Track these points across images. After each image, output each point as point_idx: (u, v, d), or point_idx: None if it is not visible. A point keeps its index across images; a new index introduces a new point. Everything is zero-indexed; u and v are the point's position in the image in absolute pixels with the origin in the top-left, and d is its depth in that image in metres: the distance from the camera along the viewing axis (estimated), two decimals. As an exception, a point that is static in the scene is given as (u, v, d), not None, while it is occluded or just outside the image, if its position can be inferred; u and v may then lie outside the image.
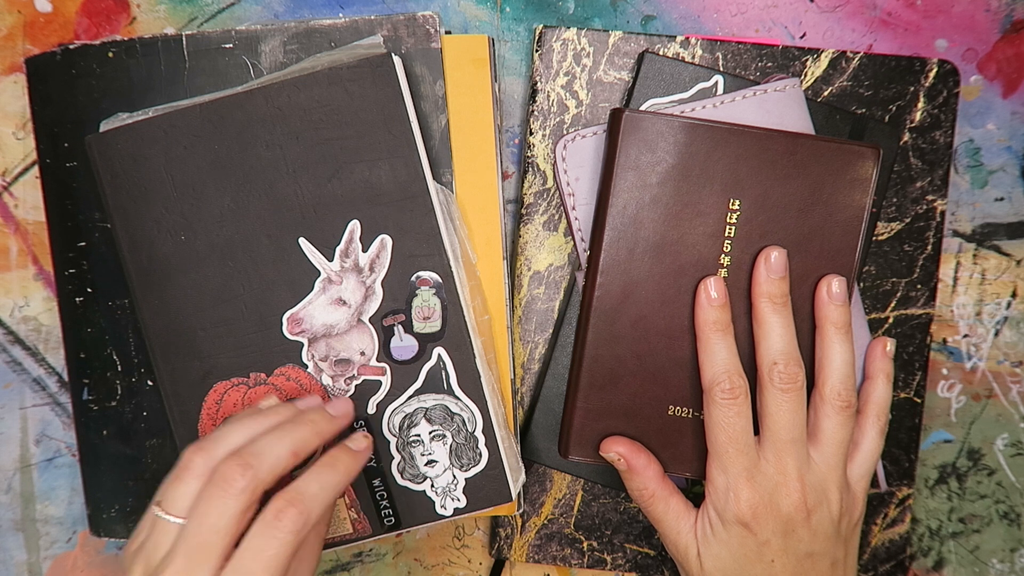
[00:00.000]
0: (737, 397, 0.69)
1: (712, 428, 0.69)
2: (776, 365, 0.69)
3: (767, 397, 0.70)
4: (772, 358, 0.69)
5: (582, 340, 0.72)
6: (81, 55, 0.76)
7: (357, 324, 0.74)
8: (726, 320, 0.70)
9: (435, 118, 0.76)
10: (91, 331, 0.78)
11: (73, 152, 0.77)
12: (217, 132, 0.72)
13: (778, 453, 0.69)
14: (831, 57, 0.79)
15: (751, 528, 0.69)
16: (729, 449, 0.69)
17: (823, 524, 0.70)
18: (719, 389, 0.69)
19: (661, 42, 0.79)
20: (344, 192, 0.73)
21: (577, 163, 0.76)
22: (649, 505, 0.72)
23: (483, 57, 0.77)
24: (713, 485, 0.70)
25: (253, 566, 0.60)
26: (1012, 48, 0.82)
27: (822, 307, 0.71)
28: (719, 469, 0.69)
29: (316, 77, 0.72)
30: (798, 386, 0.69)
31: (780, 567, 0.70)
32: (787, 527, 0.69)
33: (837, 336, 0.71)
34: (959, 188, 0.83)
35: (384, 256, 0.73)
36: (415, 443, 0.76)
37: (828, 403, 0.71)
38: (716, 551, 0.70)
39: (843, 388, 0.70)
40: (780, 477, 0.69)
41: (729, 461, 0.69)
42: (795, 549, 0.70)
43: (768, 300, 0.70)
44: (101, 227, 0.77)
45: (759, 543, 0.69)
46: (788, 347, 0.70)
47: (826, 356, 0.71)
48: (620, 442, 0.72)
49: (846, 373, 0.71)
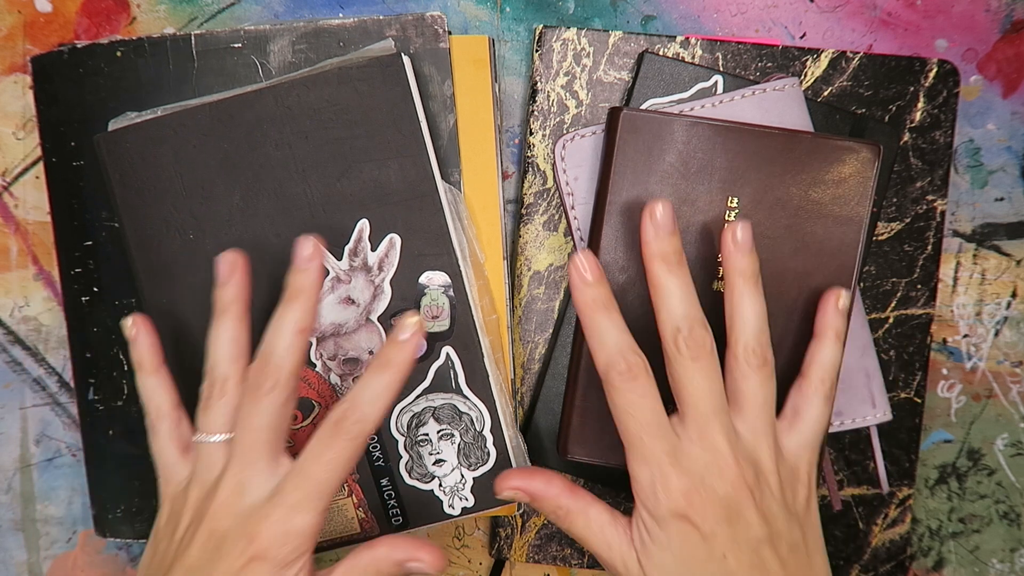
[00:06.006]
0: (637, 376, 0.63)
1: (620, 417, 0.64)
2: (680, 331, 0.64)
3: (677, 368, 0.64)
4: (675, 323, 0.64)
5: (581, 339, 0.74)
6: (89, 54, 0.77)
7: (366, 323, 0.75)
8: (607, 296, 0.65)
9: (443, 118, 0.78)
10: (97, 331, 0.79)
11: (80, 151, 0.78)
12: (226, 131, 0.74)
13: (701, 428, 0.64)
14: (831, 57, 0.81)
15: (691, 520, 0.62)
16: (643, 436, 0.63)
17: (768, 503, 0.64)
18: (615, 372, 0.64)
19: (661, 42, 0.80)
20: (353, 191, 0.74)
21: (576, 163, 0.78)
22: (568, 525, 0.68)
23: (483, 58, 0.79)
24: (637, 482, 0.64)
25: (314, 468, 0.63)
26: (1012, 48, 0.84)
27: (726, 256, 0.67)
28: (639, 462, 0.64)
29: (326, 76, 0.73)
30: (707, 350, 0.64)
31: (735, 561, 0.63)
32: (730, 512, 0.63)
33: (746, 288, 0.66)
34: (959, 188, 0.85)
35: (393, 255, 0.75)
36: (423, 442, 0.77)
37: (743, 362, 0.66)
38: (659, 559, 0.64)
39: (757, 344, 0.66)
40: (709, 455, 0.63)
41: (647, 449, 0.63)
42: (745, 537, 0.63)
43: (661, 260, 0.65)
44: (108, 226, 0.78)
45: (703, 536, 0.62)
46: (691, 310, 0.65)
47: (736, 310, 0.67)
48: (509, 476, 0.68)
49: (759, 327, 0.66)
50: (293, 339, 0.66)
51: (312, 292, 0.67)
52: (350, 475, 0.77)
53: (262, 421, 0.65)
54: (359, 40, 0.78)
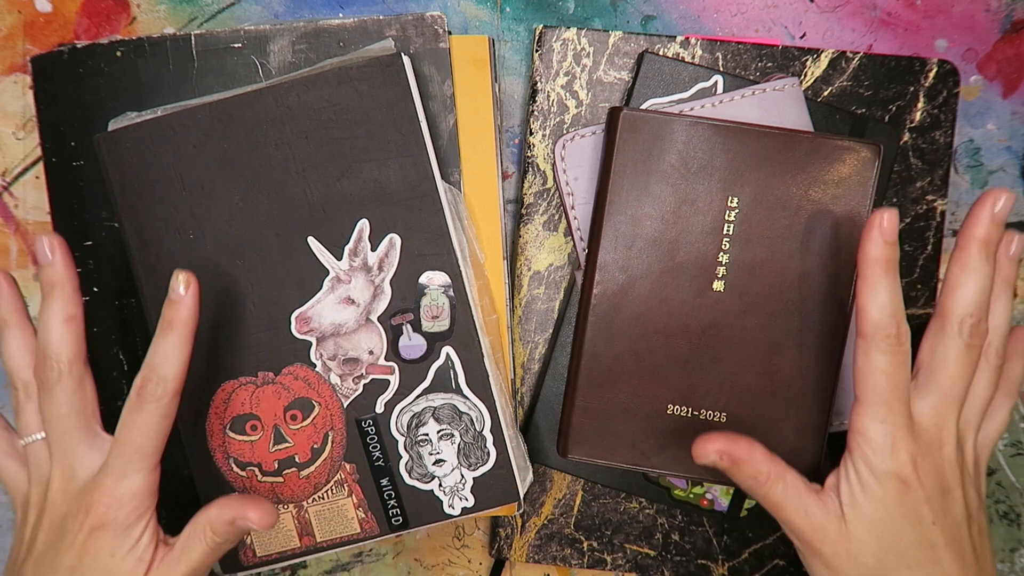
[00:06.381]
0: (903, 344, 0.64)
1: (872, 375, 0.65)
2: (970, 317, 0.66)
3: (947, 347, 0.66)
4: (969, 310, 0.66)
5: (580, 338, 0.74)
6: (89, 54, 0.78)
7: (366, 323, 0.76)
8: (896, 258, 0.65)
9: (443, 118, 0.78)
10: (97, 330, 0.79)
11: (80, 151, 0.78)
12: (226, 131, 0.74)
13: (939, 407, 0.66)
14: (831, 57, 0.81)
15: (910, 484, 0.65)
16: (892, 399, 0.65)
17: (968, 487, 0.68)
18: (884, 334, 0.64)
19: (661, 42, 0.80)
20: (353, 191, 0.74)
21: (576, 162, 0.78)
22: (767, 490, 0.67)
23: (483, 58, 0.79)
24: (866, 437, 0.65)
25: (130, 434, 0.66)
26: (1012, 48, 0.84)
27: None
28: (875, 419, 0.65)
29: (325, 76, 0.74)
30: (979, 345, 0.66)
31: (940, 531, 0.65)
32: (944, 486, 0.66)
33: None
34: (959, 188, 0.85)
35: (393, 255, 0.75)
36: (423, 442, 0.77)
37: (986, 360, 0.69)
38: (869, 512, 0.65)
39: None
40: (937, 431, 0.66)
41: (891, 411, 0.65)
42: (952, 512, 0.66)
43: (983, 246, 0.66)
44: (108, 226, 0.79)
45: (918, 501, 0.65)
46: (985, 304, 0.67)
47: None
48: (712, 439, 0.67)
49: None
50: (62, 328, 0.68)
51: (72, 288, 0.69)
52: (341, 464, 0.78)
53: (62, 410, 0.68)
54: (359, 40, 0.78)
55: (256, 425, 0.77)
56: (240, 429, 0.77)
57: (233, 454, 0.77)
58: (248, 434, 0.77)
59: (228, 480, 0.78)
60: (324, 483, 0.78)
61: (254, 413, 0.77)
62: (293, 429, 0.77)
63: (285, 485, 0.77)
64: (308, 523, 0.78)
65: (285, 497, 0.78)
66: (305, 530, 0.78)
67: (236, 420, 0.77)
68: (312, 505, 0.78)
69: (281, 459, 0.77)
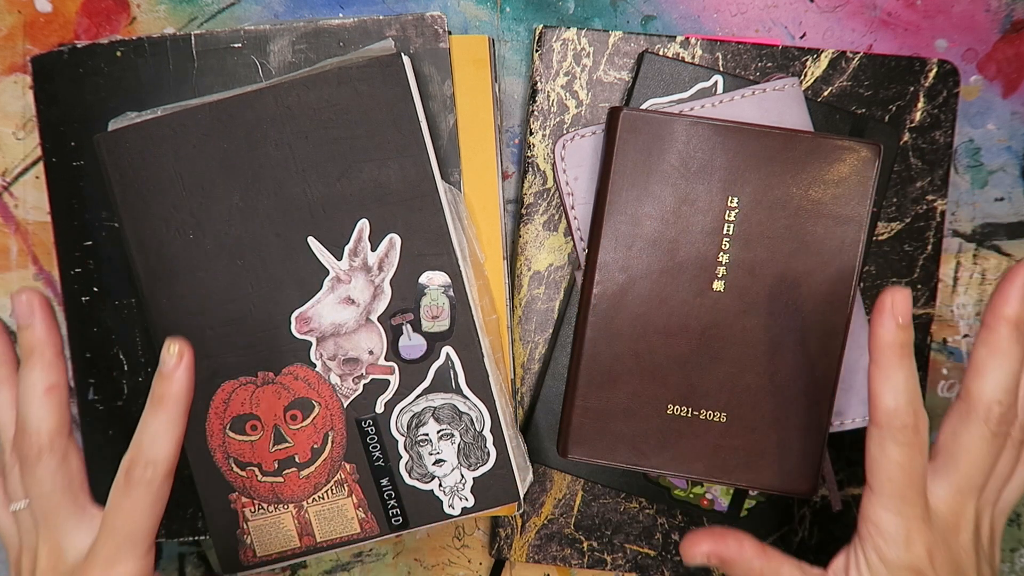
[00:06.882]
0: (920, 432, 0.63)
1: (887, 467, 0.63)
2: (999, 405, 0.64)
3: (972, 433, 0.65)
4: (998, 396, 0.64)
5: (580, 338, 0.74)
6: (89, 54, 0.77)
7: (366, 323, 0.75)
8: (910, 342, 0.63)
9: (443, 117, 0.78)
10: (97, 331, 0.79)
11: (80, 151, 0.78)
12: (226, 131, 0.74)
13: (958, 495, 0.65)
14: (831, 57, 0.81)
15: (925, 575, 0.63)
16: (908, 492, 0.63)
17: (983, 567, 0.66)
18: (900, 424, 0.62)
19: (661, 42, 0.81)
20: (353, 191, 0.74)
21: (576, 162, 0.78)
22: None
23: (483, 58, 0.79)
24: (879, 528, 0.64)
25: (118, 521, 0.65)
26: (1012, 48, 0.84)
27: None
28: (890, 511, 0.63)
29: (325, 76, 0.74)
30: (1006, 433, 0.65)
31: None
32: (959, 572, 0.64)
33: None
34: (959, 188, 0.85)
35: (393, 255, 0.75)
36: (423, 442, 0.77)
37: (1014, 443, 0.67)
38: None
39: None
40: (955, 518, 0.65)
41: (905, 503, 0.63)
42: None
43: (1014, 328, 0.64)
44: (108, 226, 0.79)
45: None
46: (1014, 389, 0.65)
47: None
48: (700, 540, 0.68)
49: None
50: (42, 399, 0.67)
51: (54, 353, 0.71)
52: (345, 471, 0.78)
53: (44, 488, 0.67)
54: (359, 40, 0.78)
55: (256, 425, 0.77)
56: (240, 429, 0.77)
57: (233, 454, 0.77)
58: (248, 434, 0.77)
59: (228, 480, 0.78)
60: (324, 483, 0.78)
61: (254, 413, 0.77)
62: (293, 429, 0.77)
63: (285, 485, 0.77)
64: (308, 523, 0.78)
65: (285, 497, 0.78)
66: (305, 530, 0.78)
67: (236, 420, 0.77)
68: (312, 505, 0.78)
69: (281, 459, 0.77)
